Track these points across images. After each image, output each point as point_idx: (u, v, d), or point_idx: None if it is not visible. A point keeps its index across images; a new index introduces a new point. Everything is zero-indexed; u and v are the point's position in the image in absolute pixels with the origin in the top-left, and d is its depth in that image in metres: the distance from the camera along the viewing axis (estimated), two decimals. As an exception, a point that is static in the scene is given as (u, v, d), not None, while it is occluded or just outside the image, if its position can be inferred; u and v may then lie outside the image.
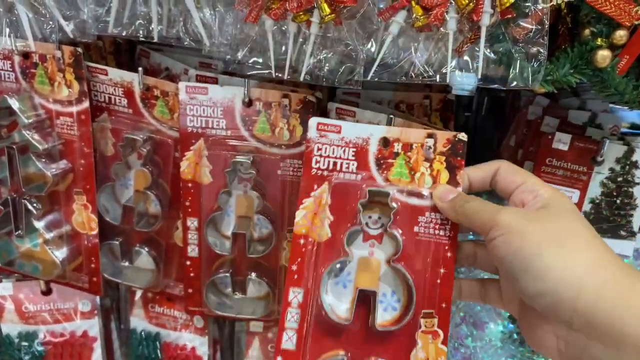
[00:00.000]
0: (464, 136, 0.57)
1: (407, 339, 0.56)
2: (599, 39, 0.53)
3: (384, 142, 0.58)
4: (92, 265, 0.80)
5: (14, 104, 0.73)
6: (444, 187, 0.56)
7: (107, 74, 0.74)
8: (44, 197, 0.77)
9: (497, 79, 0.55)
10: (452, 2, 0.51)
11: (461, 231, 0.57)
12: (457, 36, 0.54)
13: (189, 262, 0.77)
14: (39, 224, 0.78)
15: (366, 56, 0.57)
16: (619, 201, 0.70)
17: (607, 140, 0.68)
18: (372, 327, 0.57)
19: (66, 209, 0.79)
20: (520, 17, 0.53)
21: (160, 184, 0.78)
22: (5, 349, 0.92)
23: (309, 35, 0.57)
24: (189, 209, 0.74)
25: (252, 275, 0.77)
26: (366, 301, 0.58)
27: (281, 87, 0.70)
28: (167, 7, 0.63)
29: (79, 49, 0.71)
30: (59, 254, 0.80)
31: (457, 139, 0.56)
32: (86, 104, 0.73)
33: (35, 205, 0.78)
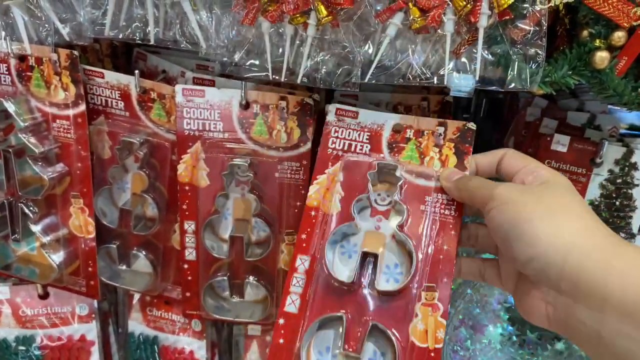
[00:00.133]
0: (473, 125, 0.61)
1: (408, 310, 0.58)
2: (598, 40, 0.53)
3: (397, 128, 0.63)
4: (90, 268, 0.79)
5: (10, 107, 0.73)
6: (450, 169, 0.60)
7: (103, 77, 0.74)
8: (41, 201, 0.77)
9: (495, 80, 0.55)
10: (450, 4, 0.51)
11: (465, 214, 0.60)
12: (454, 38, 0.54)
13: (186, 266, 0.76)
14: (36, 228, 0.78)
15: (363, 58, 0.57)
16: (618, 203, 0.70)
17: (606, 141, 0.68)
18: (374, 289, 0.59)
19: (63, 212, 0.78)
20: (518, 19, 0.53)
21: (157, 187, 0.78)
22: (2, 354, 0.91)
23: (306, 37, 0.57)
24: (186, 212, 0.74)
25: (250, 278, 0.77)
26: (370, 267, 0.60)
27: (278, 90, 0.70)
28: (164, 9, 0.63)
29: (75, 52, 0.71)
30: (56, 258, 0.79)
31: (466, 128, 0.61)
32: (83, 107, 0.73)
33: (32, 208, 0.78)
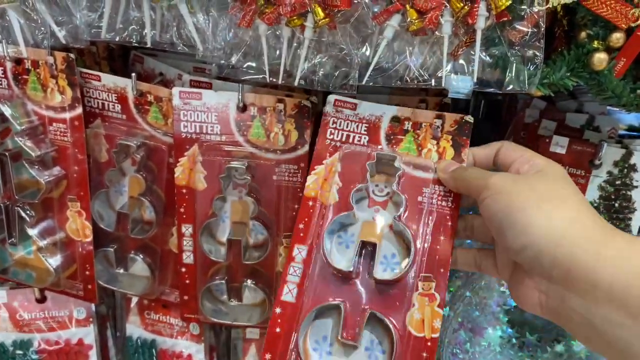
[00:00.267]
0: (471, 118, 0.61)
1: (405, 300, 0.58)
2: (596, 42, 0.53)
3: (395, 120, 0.63)
4: (87, 272, 0.79)
5: (6, 110, 0.73)
6: (447, 161, 0.61)
7: (100, 80, 0.73)
8: (38, 204, 0.77)
9: (493, 82, 0.55)
10: (447, 6, 0.51)
11: (462, 206, 0.60)
12: (452, 40, 0.54)
13: (184, 269, 0.76)
14: (33, 232, 0.78)
15: (361, 60, 0.57)
16: (617, 205, 0.70)
17: (605, 143, 0.67)
18: (371, 277, 0.59)
19: (60, 216, 0.78)
20: (516, 20, 0.53)
21: (154, 190, 0.78)
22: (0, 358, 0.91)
23: (303, 39, 0.56)
24: (184, 215, 0.74)
25: (248, 281, 0.76)
26: (367, 257, 0.60)
27: (276, 92, 0.70)
28: (160, 12, 0.63)
29: (72, 55, 0.70)
30: (53, 262, 0.79)
31: (464, 121, 0.61)
32: (79, 110, 0.73)
33: (28, 212, 0.77)
